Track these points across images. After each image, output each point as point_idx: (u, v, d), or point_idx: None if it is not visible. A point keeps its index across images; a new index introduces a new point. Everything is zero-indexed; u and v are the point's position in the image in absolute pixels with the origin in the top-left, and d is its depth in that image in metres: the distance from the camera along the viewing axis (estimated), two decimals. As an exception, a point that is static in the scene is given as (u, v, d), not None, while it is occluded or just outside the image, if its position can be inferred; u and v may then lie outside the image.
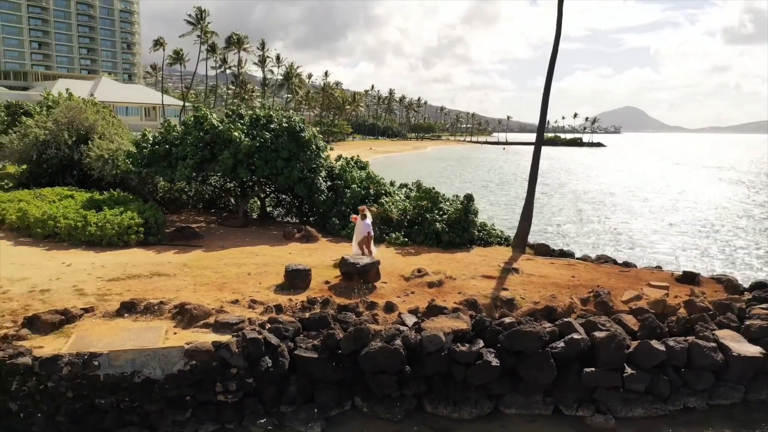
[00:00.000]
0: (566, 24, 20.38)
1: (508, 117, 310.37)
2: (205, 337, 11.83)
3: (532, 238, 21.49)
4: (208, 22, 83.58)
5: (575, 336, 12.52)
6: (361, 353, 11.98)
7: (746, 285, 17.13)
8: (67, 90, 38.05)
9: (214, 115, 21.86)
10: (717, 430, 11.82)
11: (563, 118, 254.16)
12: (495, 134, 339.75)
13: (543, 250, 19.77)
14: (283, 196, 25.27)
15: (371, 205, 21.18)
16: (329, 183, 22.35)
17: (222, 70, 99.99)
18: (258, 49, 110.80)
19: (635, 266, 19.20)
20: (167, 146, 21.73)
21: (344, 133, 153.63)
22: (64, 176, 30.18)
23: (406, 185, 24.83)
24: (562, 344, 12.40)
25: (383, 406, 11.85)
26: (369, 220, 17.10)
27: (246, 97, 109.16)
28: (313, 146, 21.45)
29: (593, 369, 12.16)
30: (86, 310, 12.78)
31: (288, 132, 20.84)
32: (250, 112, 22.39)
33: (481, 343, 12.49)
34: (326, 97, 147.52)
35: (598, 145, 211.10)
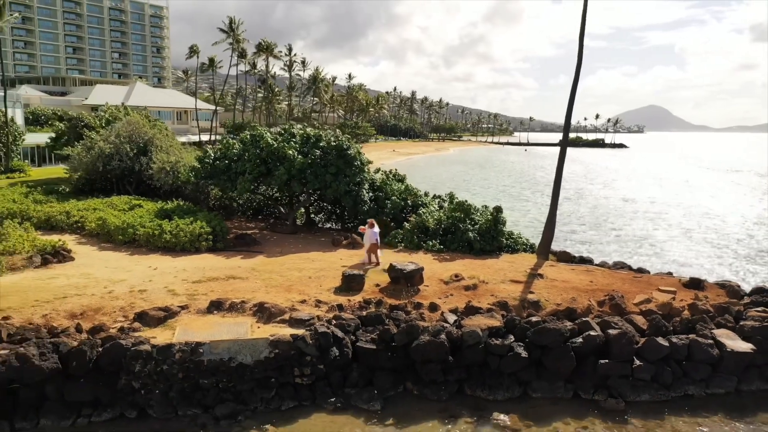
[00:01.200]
0: (589, 22, 21.93)
1: (531, 118, 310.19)
2: (284, 331, 14.36)
3: (556, 244, 23.71)
4: (242, 31, 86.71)
5: (592, 333, 14.81)
6: (412, 345, 14.41)
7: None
8: (123, 105, 41.03)
9: (269, 134, 24.45)
10: (712, 414, 14.01)
11: (585, 119, 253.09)
12: (516, 134, 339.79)
13: (565, 257, 22.02)
14: (325, 205, 27.83)
15: (410, 214, 23.62)
16: (371, 194, 24.84)
17: (252, 74, 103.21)
18: (285, 54, 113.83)
19: (648, 272, 21.36)
20: (227, 162, 24.37)
21: (368, 135, 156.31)
22: (123, 185, 33.14)
23: (439, 196, 27.19)
24: (580, 340, 14.70)
25: (430, 389, 14.26)
26: (376, 229, 19.74)
27: (274, 100, 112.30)
28: (358, 162, 23.94)
29: (607, 360, 14.45)
30: (182, 308, 15.42)
31: (336, 149, 23.39)
32: (301, 131, 24.96)
33: (512, 338, 14.84)
34: (350, 99, 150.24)
35: (620, 146, 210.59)
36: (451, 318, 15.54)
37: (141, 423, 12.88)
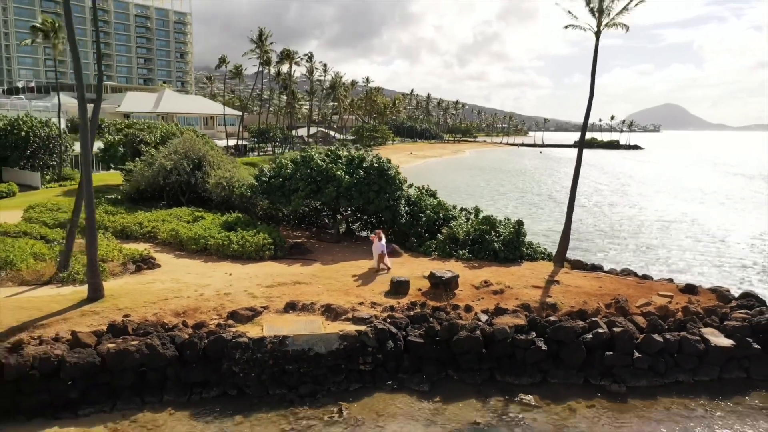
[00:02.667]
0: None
1: (545, 120, 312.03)
2: (349, 327, 17.80)
3: (578, 253, 26.89)
4: (271, 43, 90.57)
5: (600, 330, 18.09)
6: (453, 340, 17.79)
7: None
8: (176, 124, 44.76)
9: (318, 156, 27.93)
10: (698, 397, 17.21)
11: (600, 120, 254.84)
12: (531, 133, 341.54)
13: (578, 265, 25.27)
14: (364, 216, 31.22)
15: (442, 226, 27.02)
16: (407, 208, 28.22)
17: (276, 81, 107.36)
18: (306, 61, 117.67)
19: (652, 278, 24.55)
20: (281, 180, 27.90)
21: (385, 137, 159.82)
22: (176, 195, 36.80)
23: (465, 209, 30.50)
24: (590, 336, 17.99)
25: (467, 375, 17.63)
26: (383, 241, 23.15)
27: (297, 105, 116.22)
28: (397, 181, 27.36)
29: (612, 353, 17.73)
30: (264, 308, 18.92)
31: (377, 170, 26.84)
32: (346, 153, 28.41)
33: (534, 334, 18.17)
34: (369, 103, 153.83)
35: (635, 147, 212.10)
36: (483, 317, 18.90)
37: (240, 400, 16.37)
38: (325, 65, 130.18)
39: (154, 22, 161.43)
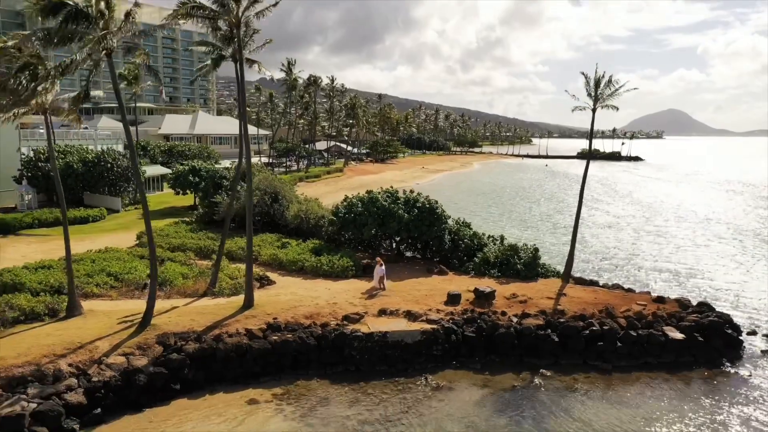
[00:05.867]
0: (610, 24, 33.72)
1: (549, 133, 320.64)
2: (425, 326, 26.51)
3: (588, 270, 35.39)
4: (299, 71, 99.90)
5: (594, 328, 26.77)
6: (495, 334, 26.50)
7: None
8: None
9: (381, 197, 36.68)
10: (660, 372, 25.80)
11: (602, 133, 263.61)
12: (535, 141, 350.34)
13: (579, 281, 33.97)
14: (413, 242, 39.87)
15: (477, 251, 35.79)
16: (449, 237, 36.93)
17: (300, 104, 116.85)
18: (328, 84, 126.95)
19: (634, 291, 33.21)
20: (353, 215, 36.70)
21: (398, 151, 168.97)
22: (256, 224, 45.49)
23: (492, 236, 39.17)
24: (587, 332, 26.67)
25: (505, 357, 26.31)
26: (383, 267, 31.17)
27: (317, 125, 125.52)
28: (442, 217, 36.09)
29: (602, 343, 26.40)
30: (365, 313, 27.67)
31: (428, 210, 35.61)
32: (403, 195, 37.17)
33: (549, 331, 26.85)
34: (383, 120, 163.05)
35: (636, 159, 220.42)
36: (514, 319, 27.62)
37: (357, 373, 25.02)
38: (343, 85, 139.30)
39: (179, 44, 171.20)
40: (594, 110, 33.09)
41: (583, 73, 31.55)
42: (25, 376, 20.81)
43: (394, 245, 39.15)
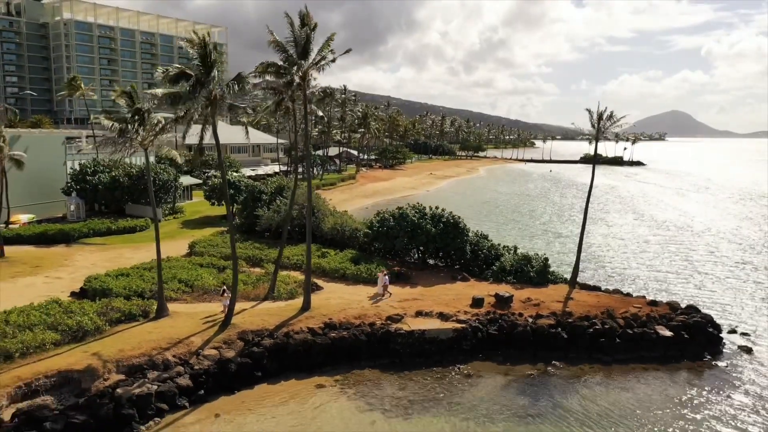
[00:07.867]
0: (613, 26, 38.92)
1: (552, 137, 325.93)
2: (455, 325, 31.73)
3: (596, 276, 40.57)
4: (314, 78, 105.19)
5: (596, 327, 31.98)
6: (514, 332, 31.72)
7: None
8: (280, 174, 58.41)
9: (410, 212, 41.93)
10: (653, 363, 30.93)
11: (607, 138, 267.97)
12: (539, 143, 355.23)
13: (585, 287, 39.15)
14: (439, 253, 44.97)
15: (494, 260, 41.01)
16: (470, 248, 42.14)
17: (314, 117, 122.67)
18: (341, 93, 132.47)
19: (631, 295, 38.41)
20: (385, 229, 41.95)
21: (406, 157, 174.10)
22: (288, 232, 50.80)
23: (507, 246, 44.36)
24: (591, 330, 31.87)
25: (522, 352, 31.49)
26: (387, 276, 36.36)
27: (330, 133, 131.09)
28: (465, 230, 41.30)
29: (604, 339, 31.59)
30: (404, 315, 32.90)
31: (453, 224, 40.83)
32: (430, 211, 42.38)
33: (560, 329, 32.07)
34: (392, 126, 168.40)
35: (638, 164, 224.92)
36: (530, 319, 32.84)
37: (400, 365, 30.21)
38: (355, 94, 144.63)
39: (159, 48, 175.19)
40: (596, 140, 38.33)
41: (587, 110, 36.80)
42: (141, 365, 26.13)
43: (418, 255, 44.39)
